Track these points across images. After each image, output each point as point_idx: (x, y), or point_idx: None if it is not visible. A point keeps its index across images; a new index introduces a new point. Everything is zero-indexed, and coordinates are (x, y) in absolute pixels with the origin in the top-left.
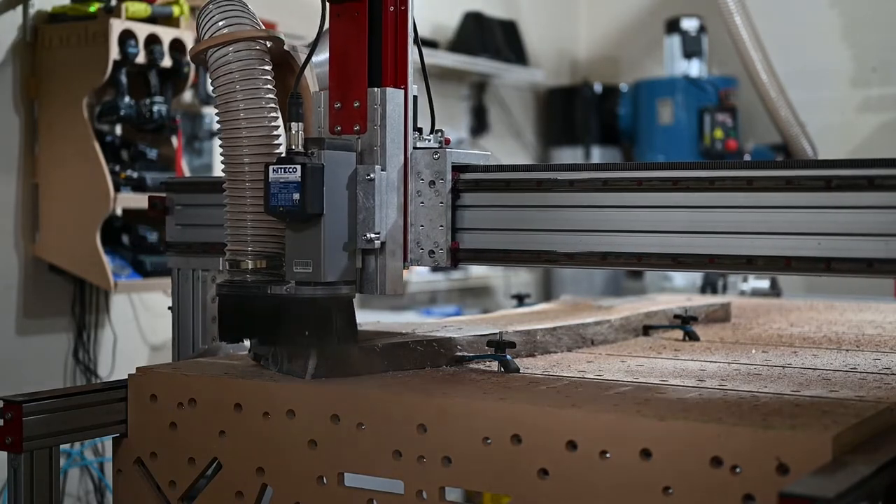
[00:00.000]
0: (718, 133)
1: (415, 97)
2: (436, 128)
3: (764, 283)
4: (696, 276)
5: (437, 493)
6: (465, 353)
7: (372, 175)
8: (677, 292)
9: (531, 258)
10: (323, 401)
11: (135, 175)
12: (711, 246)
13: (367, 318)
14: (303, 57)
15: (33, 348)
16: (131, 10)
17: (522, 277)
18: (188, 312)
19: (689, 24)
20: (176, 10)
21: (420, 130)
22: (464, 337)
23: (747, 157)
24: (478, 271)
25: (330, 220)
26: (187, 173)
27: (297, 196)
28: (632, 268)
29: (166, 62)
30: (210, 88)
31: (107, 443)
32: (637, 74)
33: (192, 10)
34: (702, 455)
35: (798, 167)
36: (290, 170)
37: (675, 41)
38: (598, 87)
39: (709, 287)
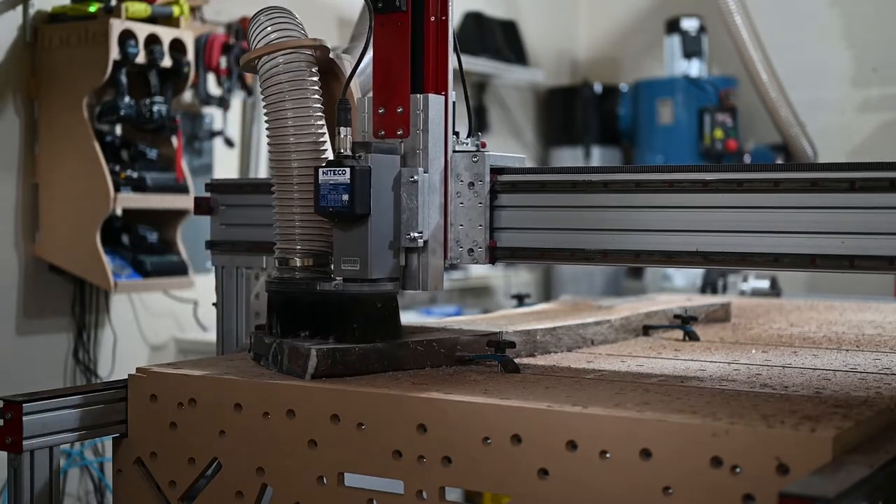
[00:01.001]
0: (718, 133)
1: (453, 102)
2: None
3: (764, 283)
4: (697, 276)
5: (437, 493)
6: (465, 354)
7: (415, 177)
8: (677, 292)
9: (566, 256)
10: (323, 401)
11: (135, 175)
12: (740, 244)
13: None
14: (345, 64)
15: (33, 348)
16: (131, 10)
17: (522, 277)
18: (232, 308)
19: (689, 24)
20: (176, 10)
21: (457, 134)
22: (464, 337)
23: (747, 157)
24: (478, 271)
25: (376, 220)
26: (187, 173)
27: (346, 197)
28: (663, 265)
29: (166, 62)
30: (260, 96)
31: (107, 443)
32: (637, 74)
33: (192, 10)
34: (702, 455)
35: (823, 170)
36: (340, 172)
37: (675, 41)
38: (598, 87)
39: (709, 287)
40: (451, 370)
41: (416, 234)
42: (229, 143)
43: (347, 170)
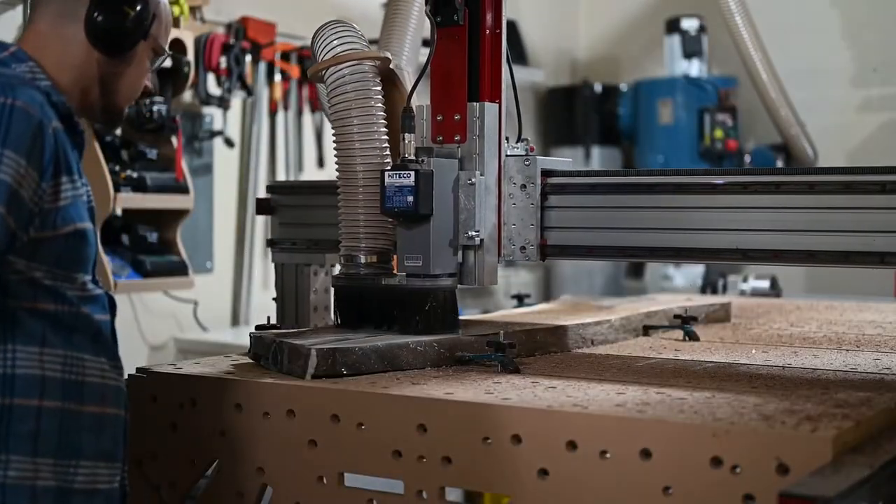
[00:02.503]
0: (718, 133)
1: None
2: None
3: (764, 284)
4: (697, 276)
5: (437, 493)
6: (465, 354)
7: (473, 180)
8: (677, 292)
9: (614, 253)
10: (323, 401)
11: (135, 175)
12: (776, 242)
13: None
14: (404, 74)
15: None
16: None
17: (522, 277)
18: (291, 303)
19: (689, 24)
20: (176, 10)
21: (507, 139)
22: (464, 337)
23: (747, 158)
24: None
25: (437, 220)
26: (187, 173)
27: (410, 198)
28: (705, 261)
29: (166, 62)
30: (326, 105)
31: None
32: (637, 74)
33: (192, 10)
34: (702, 455)
35: (856, 173)
36: (405, 175)
37: (675, 41)
38: (598, 87)
39: (709, 287)
40: (451, 370)
41: (474, 233)
42: (229, 143)
43: (412, 173)
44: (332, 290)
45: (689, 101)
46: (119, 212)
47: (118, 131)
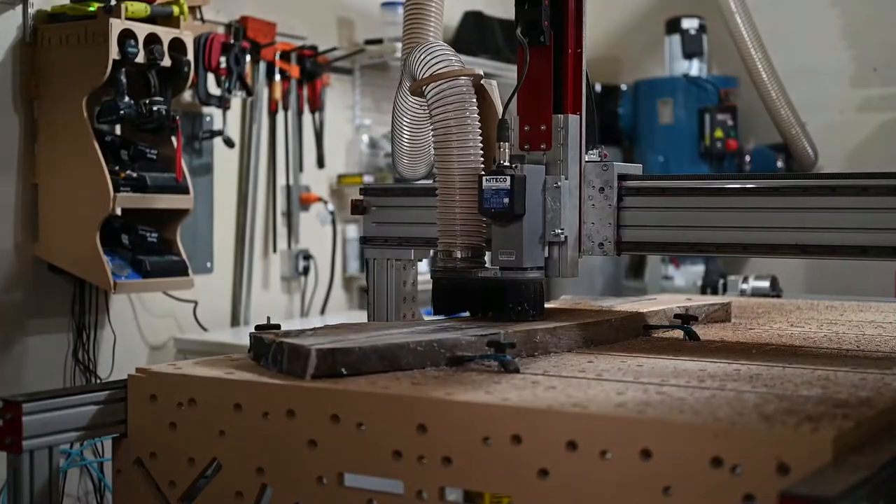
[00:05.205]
0: (718, 133)
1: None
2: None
3: (764, 283)
4: (697, 276)
5: (437, 493)
6: (465, 353)
7: (559, 183)
8: (677, 292)
9: (684, 248)
10: (323, 401)
11: (135, 175)
12: (832, 239)
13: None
14: (493, 88)
15: (33, 348)
16: (131, 9)
17: None
18: (382, 295)
19: (689, 24)
20: (175, 9)
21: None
22: (464, 337)
23: (747, 158)
24: None
25: (528, 219)
26: (187, 173)
27: (506, 200)
28: (767, 256)
29: (166, 62)
30: (431, 117)
31: (107, 443)
32: (637, 74)
33: (192, 9)
34: (702, 455)
35: None
36: (501, 179)
37: (675, 41)
38: (598, 87)
39: (709, 287)
40: (451, 370)
41: (560, 231)
42: (229, 142)
43: (508, 178)
44: (431, 281)
45: (689, 101)
46: (119, 212)
47: (118, 131)
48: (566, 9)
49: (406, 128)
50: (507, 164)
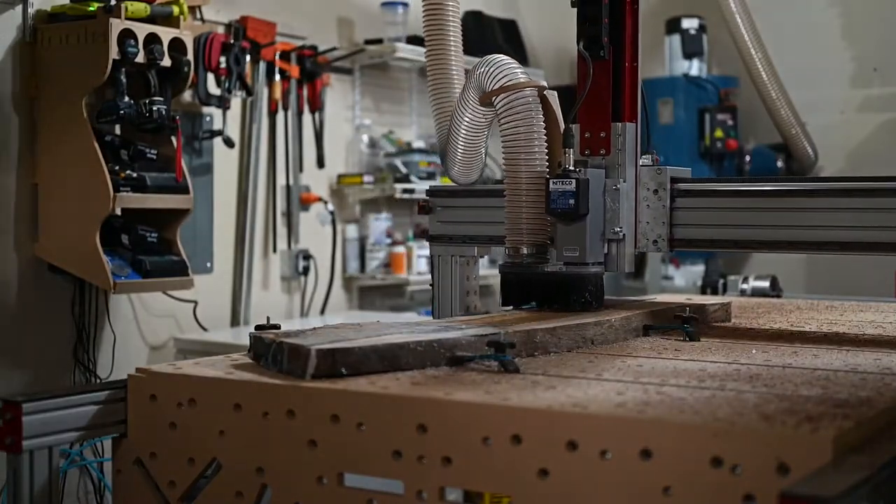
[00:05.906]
0: (718, 133)
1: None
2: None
3: (764, 283)
4: (697, 276)
5: (437, 493)
6: (465, 353)
7: (617, 186)
8: (677, 292)
9: (730, 245)
10: (323, 401)
11: (134, 175)
12: (869, 237)
13: (367, 318)
14: (554, 98)
15: (33, 348)
16: (131, 9)
17: None
18: (447, 289)
19: (689, 24)
20: (175, 9)
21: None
22: (464, 337)
23: (747, 158)
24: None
25: (591, 218)
26: (187, 173)
27: (572, 201)
28: (808, 252)
29: (166, 62)
30: (500, 126)
31: (107, 443)
32: None
33: (192, 9)
34: (702, 455)
35: None
36: (567, 182)
37: (675, 41)
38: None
39: (709, 287)
40: (450, 370)
41: (619, 229)
42: (229, 142)
43: (574, 181)
44: (500, 276)
45: (689, 101)
46: (119, 212)
47: (118, 131)
48: (624, 26)
49: (462, 136)
50: (571, 168)
